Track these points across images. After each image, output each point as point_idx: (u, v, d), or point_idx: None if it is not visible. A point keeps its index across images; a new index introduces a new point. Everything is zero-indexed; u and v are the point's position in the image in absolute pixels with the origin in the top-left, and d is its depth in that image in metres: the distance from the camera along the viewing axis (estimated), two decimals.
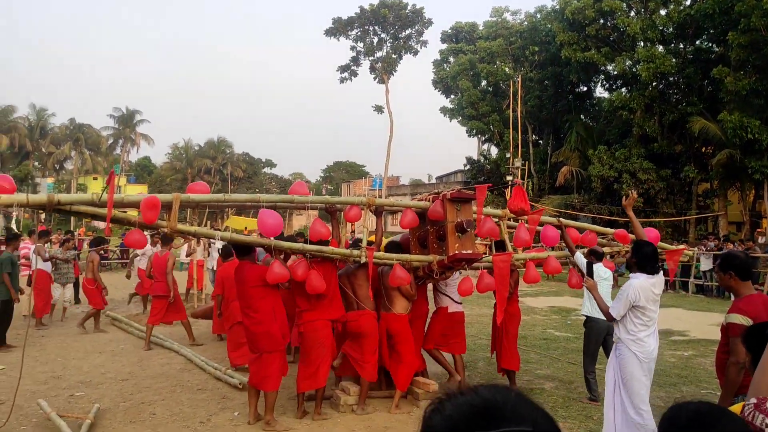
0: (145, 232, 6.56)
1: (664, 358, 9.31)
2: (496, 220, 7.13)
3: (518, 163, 31.21)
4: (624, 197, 6.31)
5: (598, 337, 7.15)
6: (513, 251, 7.03)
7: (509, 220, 7.31)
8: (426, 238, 6.70)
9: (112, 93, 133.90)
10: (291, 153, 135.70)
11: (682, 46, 27.73)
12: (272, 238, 5.92)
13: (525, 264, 7.14)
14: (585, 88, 35.16)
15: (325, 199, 6.52)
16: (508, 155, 33.67)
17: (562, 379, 8.12)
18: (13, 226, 32.96)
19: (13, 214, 45.88)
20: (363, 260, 6.25)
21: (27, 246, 14.85)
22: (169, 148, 69.67)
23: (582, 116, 34.75)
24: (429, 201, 6.68)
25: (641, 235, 5.91)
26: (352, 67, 43.80)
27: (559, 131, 35.56)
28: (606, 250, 7.73)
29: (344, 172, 76.06)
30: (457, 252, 6.21)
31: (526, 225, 7.10)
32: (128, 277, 15.61)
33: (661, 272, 5.22)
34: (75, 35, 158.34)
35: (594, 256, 6.96)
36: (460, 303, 7.49)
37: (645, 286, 4.97)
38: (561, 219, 7.31)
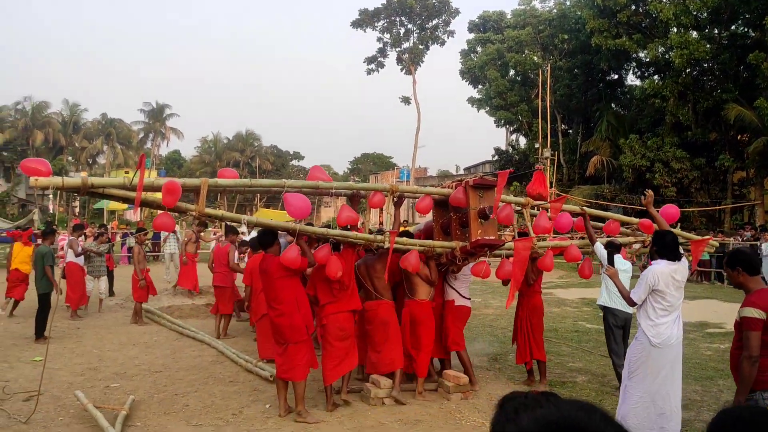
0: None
1: (699, 351, 9.15)
2: (518, 208, 7.13)
3: (547, 153, 30.87)
4: (642, 196, 6.40)
5: (616, 326, 7.25)
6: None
7: (533, 208, 7.29)
8: (449, 225, 6.75)
9: (142, 88, 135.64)
10: (318, 145, 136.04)
11: (716, 31, 27.01)
12: (299, 221, 5.96)
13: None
14: (616, 76, 34.54)
15: (349, 185, 6.60)
16: (537, 145, 33.32)
17: (594, 372, 8.03)
18: (36, 218, 33.43)
19: (50, 206, 46.94)
20: (386, 245, 6.27)
21: (64, 239, 15.12)
22: (198, 142, 70.44)
23: (613, 105, 34.19)
24: (452, 188, 6.71)
25: (666, 227, 6.08)
26: (379, 59, 43.72)
27: (589, 120, 35.05)
28: (630, 239, 7.68)
29: (372, 164, 76.06)
30: (479, 238, 6.25)
31: (548, 213, 7.06)
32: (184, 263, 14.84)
33: (684, 260, 5.29)
34: (106, 31, 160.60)
35: (611, 247, 6.99)
36: (468, 298, 7.46)
37: (665, 271, 5.08)
38: (584, 208, 7.27)
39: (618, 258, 6.96)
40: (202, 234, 14.34)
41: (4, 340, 10.02)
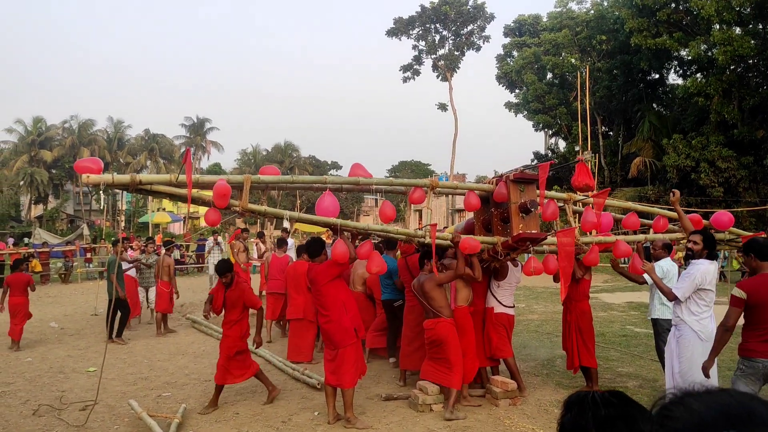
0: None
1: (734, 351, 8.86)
2: (561, 204, 7.05)
3: (588, 155, 30.36)
4: (671, 194, 6.53)
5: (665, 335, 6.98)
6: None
7: (575, 204, 7.19)
8: (490, 221, 6.68)
9: (183, 102, 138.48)
10: (356, 154, 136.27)
11: (761, 26, 26.30)
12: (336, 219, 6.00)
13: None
14: (657, 76, 33.88)
15: (390, 180, 6.60)
16: (576, 148, 32.89)
17: (645, 377, 7.87)
18: (86, 233, 34.45)
19: (97, 221, 48.16)
20: (427, 240, 6.27)
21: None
22: (238, 154, 71.52)
23: (654, 105, 33.56)
24: (493, 184, 6.67)
25: (690, 227, 6.35)
26: (415, 66, 43.82)
27: (630, 121, 34.46)
28: (678, 235, 7.52)
29: (410, 172, 76.06)
30: (521, 232, 6.18)
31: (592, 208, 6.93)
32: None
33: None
34: (143, 46, 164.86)
35: (666, 249, 6.89)
36: (512, 306, 7.37)
37: (710, 270, 5.38)
38: (674, 191, 7.06)
39: (666, 261, 6.93)
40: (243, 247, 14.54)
41: (59, 352, 10.33)
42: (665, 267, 6.95)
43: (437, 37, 42.99)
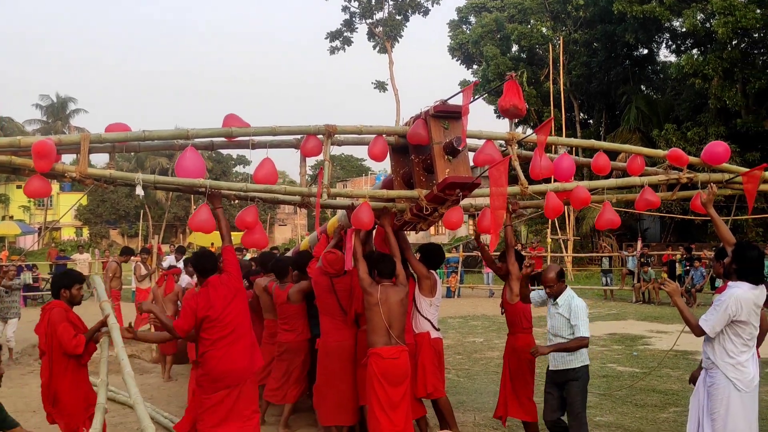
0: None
1: (761, 396, 9.27)
2: (503, 147, 6.94)
3: (562, 150, 31.14)
4: (706, 189, 6.42)
5: None
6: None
7: (519, 146, 7.00)
8: (411, 174, 6.58)
9: (39, 75, 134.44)
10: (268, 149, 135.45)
11: None
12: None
13: (545, 197, 6.83)
14: (645, 51, 35.12)
15: (273, 129, 6.40)
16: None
17: (628, 428, 8.11)
18: None
19: None
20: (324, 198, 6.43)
21: None
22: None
23: (643, 87, 34.75)
24: (410, 125, 6.53)
25: (728, 236, 6.03)
26: (345, 34, 43.94)
27: (613, 107, 35.53)
28: (658, 178, 7.34)
29: (339, 169, 76.14)
30: (447, 177, 6.08)
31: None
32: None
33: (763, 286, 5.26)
34: None
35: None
36: (439, 330, 7.45)
37: (748, 297, 5.10)
38: (594, 140, 6.96)
39: (569, 293, 6.43)
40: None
41: None
42: (573, 303, 6.27)
43: None
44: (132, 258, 18.01)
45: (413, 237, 14.43)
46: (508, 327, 7.27)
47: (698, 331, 5.20)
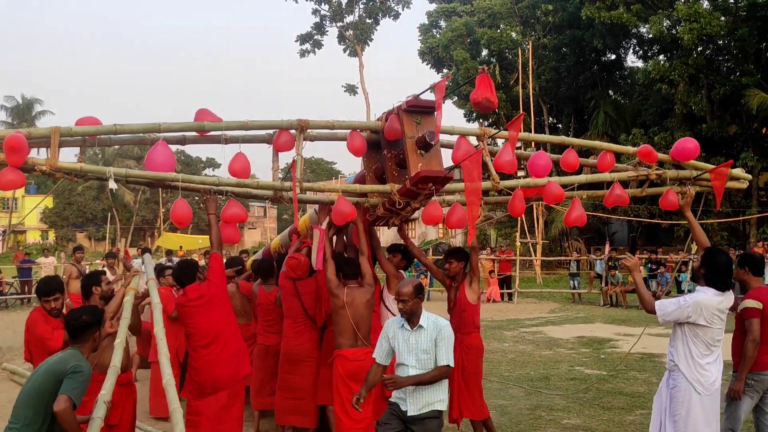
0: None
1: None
2: (476, 143, 7.04)
3: (531, 152, 31.31)
4: (681, 195, 6.61)
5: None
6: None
7: (490, 143, 7.14)
8: (383, 170, 6.64)
9: (3, 78, 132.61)
10: (236, 150, 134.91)
11: (732, 1, 28.01)
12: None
13: (513, 194, 6.97)
14: (613, 57, 35.53)
15: (245, 123, 6.39)
16: (518, 145, 33.79)
17: (595, 430, 8.18)
18: None
19: None
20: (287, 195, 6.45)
21: None
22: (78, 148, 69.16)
23: (610, 92, 35.08)
24: (383, 120, 6.59)
25: (703, 240, 6.20)
26: (316, 37, 43.92)
27: (582, 112, 35.84)
28: (628, 174, 7.56)
29: (309, 172, 76.02)
30: (419, 171, 6.13)
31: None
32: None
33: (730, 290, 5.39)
34: None
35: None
36: None
37: (710, 304, 5.24)
38: (564, 137, 7.01)
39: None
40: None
41: None
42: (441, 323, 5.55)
43: (344, 0, 43.23)
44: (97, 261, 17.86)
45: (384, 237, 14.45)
46: (461, 327, 7.18)
47: (650, 307, 5.38)
